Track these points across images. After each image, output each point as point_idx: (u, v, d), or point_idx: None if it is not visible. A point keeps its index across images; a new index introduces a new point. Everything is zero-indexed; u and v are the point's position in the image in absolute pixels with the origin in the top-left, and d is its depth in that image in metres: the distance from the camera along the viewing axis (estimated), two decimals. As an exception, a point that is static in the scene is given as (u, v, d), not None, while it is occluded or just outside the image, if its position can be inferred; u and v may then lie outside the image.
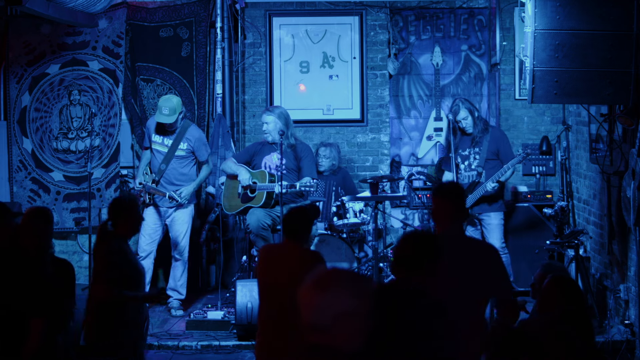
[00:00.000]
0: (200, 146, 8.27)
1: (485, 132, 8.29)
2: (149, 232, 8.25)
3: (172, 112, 8.13)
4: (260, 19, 9.79)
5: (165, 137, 8.27)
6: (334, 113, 9.85)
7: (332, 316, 2.66)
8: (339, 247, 8.21)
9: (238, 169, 8.12)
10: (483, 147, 8.25)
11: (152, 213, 8.26)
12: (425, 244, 3.98)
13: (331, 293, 2.67)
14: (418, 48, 9.86)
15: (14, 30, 9.65)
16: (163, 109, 8.13)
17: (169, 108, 8.13)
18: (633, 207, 6.36)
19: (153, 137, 8.32)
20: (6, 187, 9.68)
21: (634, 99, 6.37)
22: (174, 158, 8.25)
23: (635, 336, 6.88)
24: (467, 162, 8.34)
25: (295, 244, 5.42)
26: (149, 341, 7.30)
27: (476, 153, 8.29)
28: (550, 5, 6.33)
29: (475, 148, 8.30)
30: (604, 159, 7.37)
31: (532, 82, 6.40)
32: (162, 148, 8.27)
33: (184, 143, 8.23)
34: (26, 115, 9.73)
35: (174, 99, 8.31)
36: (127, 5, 9.57)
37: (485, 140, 8.26)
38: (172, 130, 8.24)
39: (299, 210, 5.65)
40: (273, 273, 5.33)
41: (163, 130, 8.27)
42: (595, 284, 7.85)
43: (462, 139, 8.39)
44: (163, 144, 8.28)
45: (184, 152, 8.24)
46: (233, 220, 9.10)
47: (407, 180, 9.65)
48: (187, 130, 8.25)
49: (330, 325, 2.66)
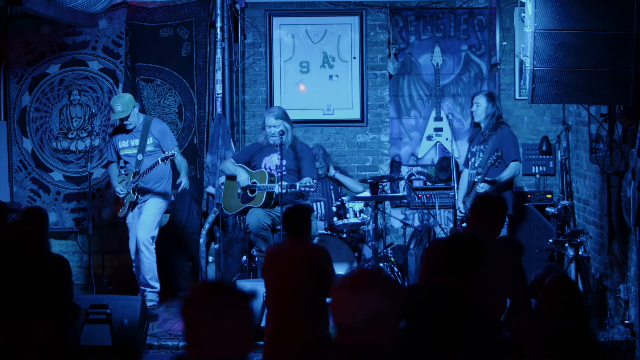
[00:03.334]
0: (164, 137, 8.22)
1: (494, 131, 8.18)
2: (135, 233, 8.26)
3: (126, 106, 8.11)
4: (260, 19, 9.79)
5: (130, 138, 8.24)
6: (334, 113, 9.85)
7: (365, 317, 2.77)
8: (339, 247, 8.21)
9: (236, 169, 8.10)
10: (488, 146, 8.15)
11: (134, 214, 8.27)
12: (473, 250, 4.02)
13: (364, 294, 2.78)
14: (418, 48, 9.86)
15: (14, 30, 9.66)
16: (115, 106, 8.13)
17: (121, 104, 8.13)
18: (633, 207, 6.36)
19: (120, 145, 8.29)
20: (6, 187, 9.68)
21: (634, 99, 6.37)
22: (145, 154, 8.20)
23: (635, 336, 6.88)
24: (473, 160, 8.26)
25: (299, 239, 5.53)
26: (148, 341, 7.30)
27: (480, 151, 8.22)
28: (550, 5, 6.33)
29: (481, 146, 8.22)
30: (604, 159, 7.37)
31: (532, 82, 6.40)
32: (132, 150, 8.25)
33: (149, 138, 8.22)
34: (26, 115, 9.73)
35: (125, 95, 8.33)
36: (127, 5, 9.57)
37: (491, 140, 8.17)
38: (132, 127, 8.21)
39: (298, 206, 5.81)
40: (282, 271, 5.40)
41: (125, 131, 8.24)
42: (595, 284, 7.85)
43: (476, 135, 8.31)
44: (130, 146, 8.26)
45: (152, 147, 8.22)
46: (233, 220, 9.10)
47: (407, 180, 9.65)
48: (150, 125, 8.24)
49: (364, 326, 2.77)
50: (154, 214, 8.20)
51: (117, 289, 9.48)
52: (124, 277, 9.75)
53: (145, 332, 7.16)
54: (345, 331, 2.80)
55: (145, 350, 7.22)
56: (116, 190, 8.33)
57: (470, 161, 8.28)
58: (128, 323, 6.82)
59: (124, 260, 9.77)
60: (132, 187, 8.13)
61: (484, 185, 7.86)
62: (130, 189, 8.15)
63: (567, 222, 8.48)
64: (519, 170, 8.26)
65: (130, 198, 8.17)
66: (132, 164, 8.23)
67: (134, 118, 8.18)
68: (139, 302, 7.02)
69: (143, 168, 8.13)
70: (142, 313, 7.00)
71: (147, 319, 7.24)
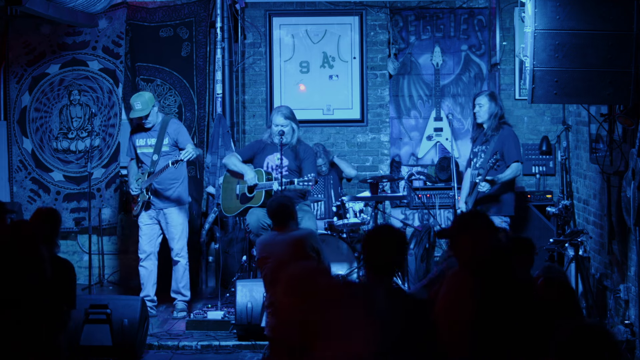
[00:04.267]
0: (179, 133, 8.18)
1: (496, 132, 8.11)
2: (146, 232, 8.23)
3: (145, 105, 8.08)
4: (260, 19, 9.79)
5: (148, 137, 8.22)
6: (334, 113, 9.86)
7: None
8: (338, 247, 8.21)
9: (243, 168, 8.06)
10: (490, 147, 8.10)
11: (146, 213, 8.24)
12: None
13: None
14: (418, 48, 9.87)
15: (14, 30, 9.66)
16: (135, 104, 8.10)
17: (141, 102, 8.09)
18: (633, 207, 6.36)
19: (137, 143, 8.26)
20: (6, 187, 9.69)
21: (634, 99, 6.37)
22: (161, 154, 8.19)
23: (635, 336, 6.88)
24: (475, 160, 8.21)
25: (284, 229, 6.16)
26: (148, 341, 7.31)
27: (482, 152, 8.19)
28: (550, 5, 6.32)
29: (483, 146, 8.19)
30: (604, 159, 7.37)
31: (532, 82, 6.39)
32: (148, 149, 8.22)
33: (166, 138, 8.19)
34: (26, 115, 9.74)
35: (145, 93, 8.29)
36: (127, 5, 9.57)
37: (493, 140, 8.13)
38: (151, 126, 8.19)
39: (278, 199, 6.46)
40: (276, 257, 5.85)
41: (144, 129, 8.23)
42: (595, 284, 7.85)
43: (479, 135, 8.27)
44: (147, 144, 8.24)
45: (168, 148, 8.19)
46: (233, 220, 9.10)
47: (407, 180, 9.65)
48: (167, 125, 8.22)
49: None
50: (180, 222, 8.23)
51: (117, 289, 9.50)
52: (124, 277, 9.76)
53: (145, 332, 7.17)
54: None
55: (145, 350, 7.22)
56: (130, 188, 8.34)
57: (472, 161, 8.27)
58: (128, 323, 6.83)
59: (124, 261, 9.79)
60: (145, 186, 8.13)
61: (484, 184, 7.83)
62: (144, 189, 8.14)
63: (568, 221, 8.47)
64: (520, 171, 8.20)
65: (143, 197, 8.17)
66: (147, 163, 8.23)
67: (153, 117, 8.16)
68: (139, 302, 7.02)
69: (157, 168, 8.13)
70: (142, 313, 7.00)
71: (147, 319, 7.24)
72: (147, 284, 8.22)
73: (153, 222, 8.23)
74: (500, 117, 8.16)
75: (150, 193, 8.12)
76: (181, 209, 8.25)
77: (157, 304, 8.33)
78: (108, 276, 9.68)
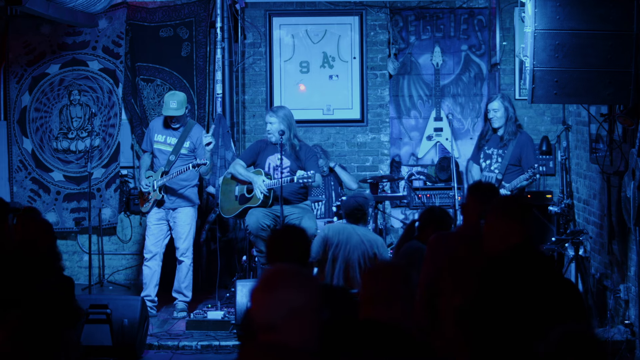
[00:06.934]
0: (201, 145, 8.21)
1: (514, 136, 8.06)
2: (154, 232, 8.23)
3: (180, 105, 8.11)
4: (260, 19, 9.79)
5: (168, 135, 8.23)
6: (334, 113, 9.86)
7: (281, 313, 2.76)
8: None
9: (250, 176, 8.02)
10: (507, 152, 8.01)
11: (156, 212, 8.24)
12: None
13: (277, 291, 2.78)
14: (418, 48, 9.87)
15: (14, 30, 9.66)
16: (171, 102, 8.09)
17: (177, 102, 8.10)
18: (633, 207, 6.36)
19: (155, 137, 8.27)
20: (6, 187, 9.68)
21: (634, 99, 6.37)
22: (179, 156, 8.20)
23: (635, 336, 6.88)
24: (488, 162, 8.16)
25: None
26: (148, 341, 7.31)
27: (499, 156, 8.10)
28: (550, 5, 6.33)
29: (500, 150, 8.14)
30: (604, 159, 7.37)
31: (532, 82, 6.39)
32: (166, 147, 8.22)
33: (187, 142, 8.20)
34: (26, 115, 9.74)
35: (180, 93, 8.31)
36: (127, 5, 9.57)
37: (511, 145, 8.06)
38: (178, 127, 8.20)
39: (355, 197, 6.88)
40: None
41: (168, 127, 8.23)
42: (595, 284, 7.85)
43: (493, 136, 8.21)
44: (166, 142, 8.24)
45: (187, 151, 8.20)
46: (233, 221, 9.10)
47: (407, 180, 9.65)
48: (191, 130, 8.24)
49: (282, 323, 2.76)
50: (188, 223, 8.24)
51: (117, 289, 9.50)
52: (124, 277, 9.76)
53: (145, 332, 7.17)
54: (265, 330, 2.77)
55: (145, 350, 7.22)
56: (140, 184, 8.33)
57: (485, 163, 8.18)
58: (128, 323, 6.83)
59: (124, 261, 9.79)
60: (159, 185, 8.13)
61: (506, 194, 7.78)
62: (157, 187, 8.14)
63: (570, 220, 8.46)
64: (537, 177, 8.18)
65: (156, 196, 8.16)
66: (160, 160, 8.22)
67: (183, 119, 8.20)
68: (139, 302, 7.02)
69: (173, 170, 8.14)
70: (142, 313, 7.00)
71: (147, 319, 7.25)
72: (150, 284, 8.22)
73: (162, 222, 8.24)
74: (515, 120, 8.12)
75: (163, 192, 8.14)
76: (191, 210, 8.27)
77: (158, 304, 8.33)
78: (108, 276, 9.69)
